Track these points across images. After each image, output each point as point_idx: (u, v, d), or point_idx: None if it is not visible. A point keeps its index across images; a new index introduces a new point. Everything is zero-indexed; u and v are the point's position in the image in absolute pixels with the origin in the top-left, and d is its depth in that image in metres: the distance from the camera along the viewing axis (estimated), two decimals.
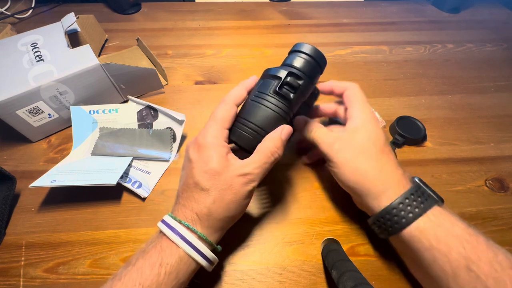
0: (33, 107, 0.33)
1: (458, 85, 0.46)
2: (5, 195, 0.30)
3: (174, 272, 0.20)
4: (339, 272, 0.22)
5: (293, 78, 0.25)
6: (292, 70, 0.25)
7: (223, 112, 0.24)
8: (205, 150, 0.23)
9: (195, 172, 0.23)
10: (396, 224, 0.22)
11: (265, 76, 0.26)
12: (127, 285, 0.19)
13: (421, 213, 0.22)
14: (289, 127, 0.25)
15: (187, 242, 0.21)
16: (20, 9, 0.56)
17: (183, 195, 0.23)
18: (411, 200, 0.22)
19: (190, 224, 0.22)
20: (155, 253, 0.21)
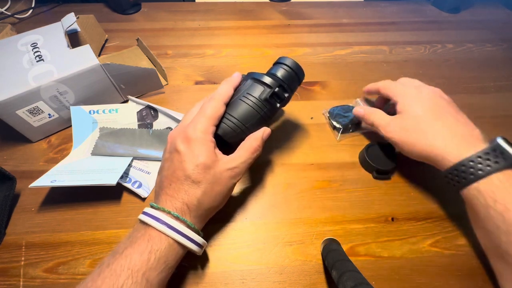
0: (33, 107, 0.33)
1: (458, 85, 0.46)
2: (5, 195, 0.30)
3: (163, 258, 0.21)
4: (339, 272, 0.22)
5: (281, 90, 0.28)
6: (281, 84, 0.28)
7: (212, 109, 0.25)
8: (195, 144, 0.24)
9: (186, 165, 0.23)
10: (464, 179, 0.24)
11: (252, 79, 0.28)
12: (115, 270, 0.20)
13: (489, 173, 0.23)
14: (269, 130, 0.28)
15: (176, 231, 0.22)
16: (20, 9, 0.56)
17: (171, 186, 0.24)
18: (484, 159, 0.23)
19: (179, 214, 0.23)
20: (143, 241, 0.21)
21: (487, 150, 0.24)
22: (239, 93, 0.28)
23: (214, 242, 0.29)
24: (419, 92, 0.30)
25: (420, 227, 0.30)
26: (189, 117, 0.26)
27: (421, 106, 0.29)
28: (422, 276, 0.27)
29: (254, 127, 0.27)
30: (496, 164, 0.23)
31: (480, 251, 0.28)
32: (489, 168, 0.23)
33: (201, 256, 0.28)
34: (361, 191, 0.33)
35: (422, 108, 0.29)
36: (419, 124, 0.28)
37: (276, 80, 0.28)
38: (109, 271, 0.20)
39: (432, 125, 0.27)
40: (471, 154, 0.24)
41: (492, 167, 0.23)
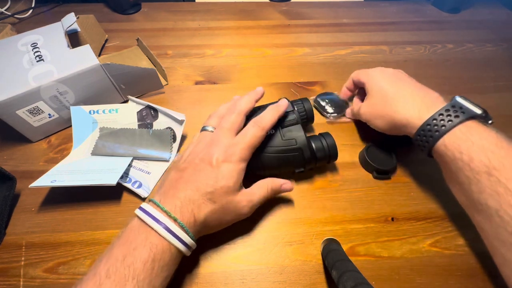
0: (33, 107, 0.33)
1: (458, 85, 0.46)
2: (5, 195, 0.30)
3: (166, 266, 0.21)
4: (339, 272, 0.22)
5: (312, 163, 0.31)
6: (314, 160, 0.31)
7: (256, 138, 0.26)
8: (230, 166, 0.25)
9: (213, 183, 0.24)
10: (431, 138, 0.26)
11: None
12: (119, 281, 0.19)
13: (450, 128, 0.24)
14: (290, 186, 0.29)
15: (182, 243, 0.22)
16: (20, 9, 0.56)
17: (186, 192, 0.23)
18: (445, 115, 0.25)
19: (185, 225, 0.22)
20: (145, 249, 0.20)
21: (447, 107, 0.25)
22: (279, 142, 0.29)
23: (214, 242, 0.29)
24: (382, 71, 0.33)
25: (420, 227, 0.30)
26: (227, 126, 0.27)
27: (384, 81, 0.31)
28: (422, 276, 0.27)
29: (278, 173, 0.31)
30: (457, 118, 0.24)
31: (480, 251, 0.28)
32: (450, 123, 0.24)
33: (201, 256, 0.28)
34: (361, 191, 0.33)
35: (385, 83, 0.31)
36: (384, 97, 0.30)
37: (312, 158, 0.30)
38: (112, 281, 0.19)
39: (395, 95, 0.29)
40: (433, 113, 0.26)
41: (453, 121, 0.24)
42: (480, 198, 0.22)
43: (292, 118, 0.30)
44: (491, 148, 0.22)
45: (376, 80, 0.32)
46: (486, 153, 0.22)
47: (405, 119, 0.28)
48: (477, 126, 0.24)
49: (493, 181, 0.21)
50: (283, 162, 0.29)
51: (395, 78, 0.31)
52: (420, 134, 0.26)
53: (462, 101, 0.26)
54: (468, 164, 0.22)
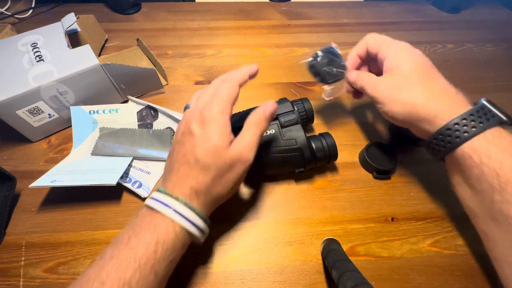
0: (33, 107, 0.33)
1: (458, 85, 0.46)
2: (5, 195, 0.30)
3: (171, 249, 0.20)
4: (339, 272, 0.22)
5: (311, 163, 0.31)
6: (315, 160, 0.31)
7: (228, 90, 0.24)
8: (210, 125, 0.22)
9: (197, 149, 0.22)
10: (449, 144, 0.23)
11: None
12: (121, 263, 0.19)
13: (477, 132, 0.22)
14: (273, 106, 0.25)
15: (184, 218, 0.21)
16: (20, 9, 0.56)
17: (179, 170, 0.23)
18: (469, 120, 0.23)
19: (188, 201, 0.22)
20: (149, 231, 0.20)
21: (477, 108, 0.24)
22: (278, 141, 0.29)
23: (214, 242, 0.29)
24: (412, 51, 0.28)
25: (420, 227, 0.30)
26: (203, 98, 0.25)
27: (414, 64, 0.27)
28: (422, 276, 0.27)
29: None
30: (488, 122, 0.23)
31: (480, 251, 0.28)
32: (482, 125, 0.23)
33: (201, 256, 0.28)
34: (361, 191, 0.33)
35: (416, 66, 0.27)
36: (412, 82, 0.26)
37: (312, 158, 0.30)
38: (114, 264, 0.19)
39: (426, 84, 0.26)
40: (463, 112, 0.24)
41: (485, 123, 0.23)
42: (502, 207, 0.20)
43: (292, 118, 0.30)
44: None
45: (404, 59, 0.27)
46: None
47: (432, 115, 0.24)
48: (506, 133, 0.23)
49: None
50: (283, 162, 0.29)
51: (424, 65, 0.27)
52: (444, 133, 0.24)
53: (488, 105, 0.24)
54: (495, 171, 0.21)
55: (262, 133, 0.25)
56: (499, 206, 0.21)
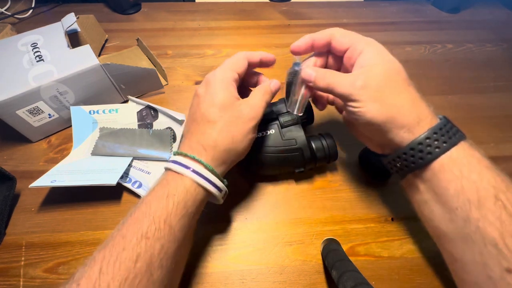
0: (33, 107, 0.33)
1: (458, 85, 0.46)
2: (5, 195, 0.30)
3: (182, 202, 0.21)
4: (339, 272, 0.22)
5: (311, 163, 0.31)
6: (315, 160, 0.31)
7: (233, 60, 0.26)
8: (213, 85, 0.24)
9: (202, 106, 0.23)
10: (429, 155, 0.21)
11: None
12: (137, 217, 0.20)
13: (454, 143, 0.21)
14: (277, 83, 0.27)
15: (192, 171, 0.22)
16: (20, 9, 0.56)
17: (190, 130, 0.24)
18: (444, 131, 0.21)
19: (195, 155, 0.22)
20: (161, 188, 0.22)
21: (444, 122, 0.22)
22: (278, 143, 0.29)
23: (214, 242, 0.29)
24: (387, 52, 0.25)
25: (420, 227, 0.30)
26: None
27: (395, 64, 0.23)
28: (422, 276, 0.27)
29: None
30: (455, 136, 0.21)
31: None
32: (455, 138, 0.21)
33: (201, 256, 0.28)
34: (361, 191, 0.33)
35: (397, 67, 0.23)
36: (396, 83, 0.22)
37: (312, 158, 0.30)
38: (132, 219, 0.20)
39: (407, 88, 0.23)
40: (437, 123, 0.21)
41: (456, 136, 0.21)
42: (479, 225, 0.19)
43: (292, 118, 0.30)
44: (493, 167, 0.20)
45: (386, 57, 0.24)
46: (492, 173, 0.20)
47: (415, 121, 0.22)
48: (473, 146, 0.21)
49: (498, 206, 0.18)
50: (283, 162, 0.29)
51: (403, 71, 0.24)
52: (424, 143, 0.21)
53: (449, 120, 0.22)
54: (475, 184, 0.19)
55: (267, 102, 0.26)
56: (476, 224, 0.19)
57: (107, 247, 0.19)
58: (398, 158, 0.23)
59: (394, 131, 0.22)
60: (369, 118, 0.22)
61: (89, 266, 0.18)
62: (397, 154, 0.23)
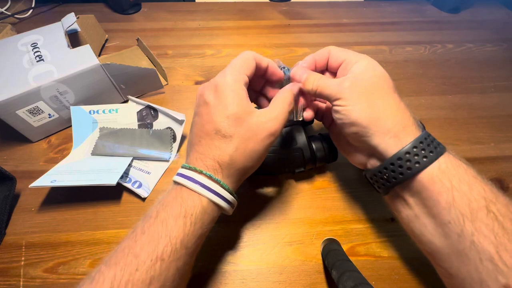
0: (33, 107, 0.33)
1: (458, 85, 0.46)
2: (5, 195, 0.30)
3: (199, 222, 0.20)
4: (339, 272, 0.22)
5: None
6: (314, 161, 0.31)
7: (242, 60, 0.23)
8: (225, 92, 0.21)
9: (215, 117, 0.21)
10: (409, 170, 0.20)
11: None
12: (153, 236, 0.19)
13: (440, 154, 0.20)
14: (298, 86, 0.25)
15: (210, 190, 0.21)
16: (20, 9, 0.56)
17: (201, 143, 0.22)
18: (425, 145, 0.20)
19: (212, 174, 0.21)
20: (176, 205, 0.20)
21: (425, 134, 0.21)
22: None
23: (214, 242, 0.29)
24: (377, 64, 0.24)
25: None
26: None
27: (384, 73, 0.23)
28: (422, 276, 0.27)
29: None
30: (440, 146, 0.21)
31: None
32: (439, 148, 0.20)
33: (201, 256, 0.28)
34: (361, 191, 0.33)
35: (386, 76, 0.23)
36: (383, 88, 0.22)
37: (312, 158, 0.30)
38: (146, 237, 0.19)
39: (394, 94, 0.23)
40: (422, 132, 0.21)
41: (440, 146, 0.21)
42: (474, 240, 0.18)
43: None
44: (479, 178, 0.19)
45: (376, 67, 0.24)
46: (481, 183, 0.19)
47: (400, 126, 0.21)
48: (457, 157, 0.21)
49: (490, 218, 0.17)
50: (283, 162, 0.29)
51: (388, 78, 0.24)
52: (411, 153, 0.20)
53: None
54: (466, 195, 0.18)
55: (290, 110, 0.24)
56: (470, 238, 0.18)
57: (118, 265, 0.18)
58: (385, 170, 0.22)
59: (379, 136, 0.21)
60: (354, 118, 0.22)
61: (97, 281, 0.17)
62: (383, 165, 0.22)
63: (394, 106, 0.22)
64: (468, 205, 0.18)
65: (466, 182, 0.19)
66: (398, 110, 0.22)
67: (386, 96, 0.22)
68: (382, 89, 0.22)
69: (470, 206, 0.18)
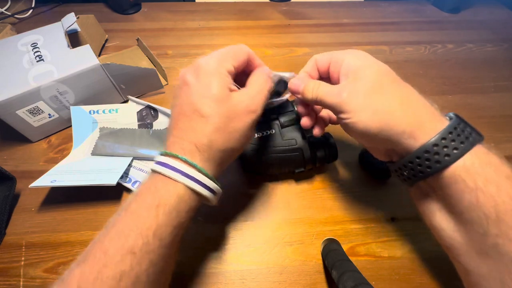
0: (33, 107, 0.33)
1: (458, 85, 0.46)
2: (5, 195, 0.30)
3: (174, 211, 0.19)
4: (339, 272, 0.22)
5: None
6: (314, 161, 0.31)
7: (232, 49, 0.22)
8: (206, 74, 0.20)
9: (194, 98, 0.20)
10: (438, 163, 0.19)
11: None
12: (123, 230, 0.17)
13: (467, 150, 0.18)
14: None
15: (186, 175, 0.19)
16: (20, 9, 0.56)
17: (178, 126, 0.20)
18: (455, 135, 0.18)
19: (188, 157, 0.19)
20: (149, 194, 0.19)
21: (456, 123, 0.19)
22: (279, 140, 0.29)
23: (214, 242, 0.29)
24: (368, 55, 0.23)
25: (420, 227, 0.30)
26: None
27: (379, 66, 0.21)
28: (422, 276, 0.27)
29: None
30: (468, 139, 0.18)
31: None
32: (468, 142, 0.18)
33: (201, 256, 0.28)
34: (361, 191, 0.33)
35: (382, 68, 0.21)
36: (381, 86, 0.20)
37: (312, 157, 0.30)
38: (116, 231, 0.18)
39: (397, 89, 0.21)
40: (446, 126, 0.19)
41: (470, 139, 0.18)
42: (498, 242, 0.17)
43: (292, 118, 0.30)
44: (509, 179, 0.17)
45: (367, 61, 0.22)
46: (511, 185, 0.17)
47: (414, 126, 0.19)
48: (491, 151, 0.19)
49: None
50: (283, 162, 0.29)
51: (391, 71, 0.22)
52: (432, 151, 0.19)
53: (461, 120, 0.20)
54: (493, 198, 0.17)
55: (269, 90, 0.23)
56: (494, 240, 0.17)
57: (86, 262, 0.17)
58: (404, 167, 0.21)
59: (394, 138, 0.20)
60: (362, 128, 0.21)
61: (66, 281, 0.16)
62: (402, 162, 0.21)
63: (403, 102, 0.20)
64: (494, 207, 0.17)
65: (494, 182, 0.17)
66: (408, 106, 0.20)
67: (391, 93, 0.20)
68: (384, 88, 0.20)
69: (497, 208, 0.17)
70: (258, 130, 0.29)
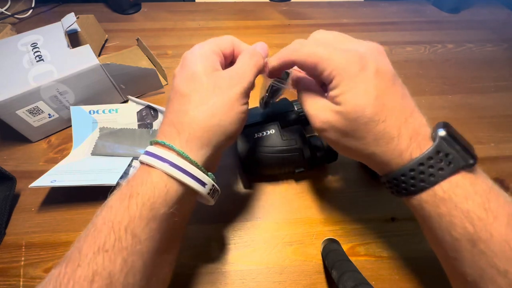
0: (33, 107, 0.33)
1: (458, 85, 0.46)
2: (5, 195, 0.30)
3: (148, 203, 0.16)
4: (339, 272, 0.22)
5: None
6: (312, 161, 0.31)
7: (218, 38, 0.22)
8: (190, 59, 0.20)
9: (176, 82, 0.20)
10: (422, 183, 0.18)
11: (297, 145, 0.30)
12: (96, 225, 0.16)
13: (437, 181, 0.17)
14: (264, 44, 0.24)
15: (161, 159, 0.17)
16: (20, 9, 0.56)
17: (166, 116, 0.20)
18: (427, 166, 0.18)
19: (166, 140, 0.18)
20: (126, 185, 0.18)
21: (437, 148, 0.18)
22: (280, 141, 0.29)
23: (214, 242, 0.29)
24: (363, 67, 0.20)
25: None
26: None
27: (366, 94, 0.19)
28: (422, 276, 0.27)
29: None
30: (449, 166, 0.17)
31: None
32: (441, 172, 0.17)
33: (201, 256, 0.28)
34: (361, 191, 0.33)
35: (367, 98, 0.19)
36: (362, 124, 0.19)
37: (312, 158, 0.30)
38: (92, 227, 0.16)
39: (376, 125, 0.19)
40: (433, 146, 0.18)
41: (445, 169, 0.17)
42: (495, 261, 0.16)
43: (292, 118, 0.30)
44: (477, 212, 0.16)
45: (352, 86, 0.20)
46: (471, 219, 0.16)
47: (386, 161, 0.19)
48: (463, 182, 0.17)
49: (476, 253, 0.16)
50: (283, 162, 0.29)
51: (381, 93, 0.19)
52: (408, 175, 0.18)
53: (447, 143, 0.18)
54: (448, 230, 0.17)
55: (256, 66, 0.21)
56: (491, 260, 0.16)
57: (63, 263, 0.16)
58: (391, 182, 0.20)
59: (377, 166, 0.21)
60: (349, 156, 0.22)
61: (43, 284, 0.15)
62: (387, 179, 0.20)
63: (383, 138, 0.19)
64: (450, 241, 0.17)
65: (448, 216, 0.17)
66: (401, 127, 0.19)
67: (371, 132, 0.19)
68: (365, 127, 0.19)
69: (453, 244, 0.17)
70: (258, 130, 0.29)
